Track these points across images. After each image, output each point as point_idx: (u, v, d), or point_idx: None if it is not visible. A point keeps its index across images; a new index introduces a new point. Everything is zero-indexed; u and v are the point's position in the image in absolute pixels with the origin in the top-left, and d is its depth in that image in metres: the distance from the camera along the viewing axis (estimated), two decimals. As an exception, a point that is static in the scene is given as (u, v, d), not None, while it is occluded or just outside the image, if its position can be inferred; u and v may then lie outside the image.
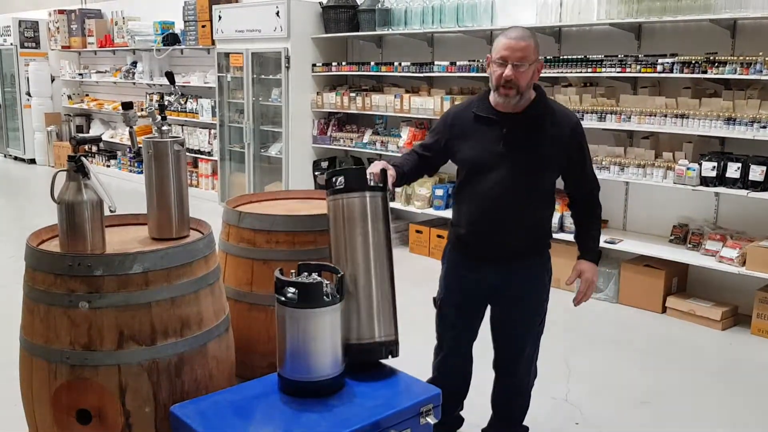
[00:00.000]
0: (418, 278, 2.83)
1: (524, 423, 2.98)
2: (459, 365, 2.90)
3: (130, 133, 2.69)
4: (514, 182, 2.54)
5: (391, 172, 2.54)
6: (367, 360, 2.44)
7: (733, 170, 4.50)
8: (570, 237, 5.20)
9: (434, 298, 2.85)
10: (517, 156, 2.54)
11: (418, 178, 2.88)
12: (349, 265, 2.41)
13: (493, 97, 2.58)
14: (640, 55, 4.89)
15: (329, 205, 2.48)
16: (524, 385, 2.84)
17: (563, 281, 2.84)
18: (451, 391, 2.69)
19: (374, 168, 2.49)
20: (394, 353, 2.45)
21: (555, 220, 5.27)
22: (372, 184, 2.44)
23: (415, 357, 2.78)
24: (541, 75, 5.26)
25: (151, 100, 9.21)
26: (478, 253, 2.69)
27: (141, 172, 9.12)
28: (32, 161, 11.36)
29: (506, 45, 2.44)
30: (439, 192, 6.17)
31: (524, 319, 2.74)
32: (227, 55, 7.67)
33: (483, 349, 2.86)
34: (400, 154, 3.75)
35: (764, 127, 4.33)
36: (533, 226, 2.66)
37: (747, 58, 4.36)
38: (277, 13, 6.89)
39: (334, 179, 2.45)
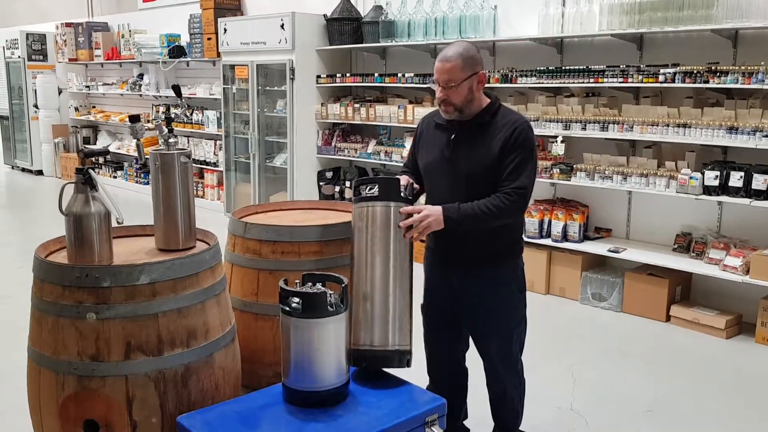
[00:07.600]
0: (421, 285, 2.85)
1: (527, 431, 2.99)
2: (446, 371, 2.92)
3: (138, 146, 2.73)
4: (461, 186, 2.59)
5: (417, 186, 2.68)
6: (379, 367, 2.46)
7: (735, 179, 4.51)
8: (573, 246, 5.27)
9: (421, 305, 2.88)
10: (463, 160, 2.60)
11: (420, 196, 2.96)
12: (370, 271, 2.45)
13: None
14: (642, 66, 4.91)
15: (355, 211, 2.53)
16: (509, 392, 2.84)
17: (568, 290, 2.85)
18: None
19: (404, 180, 2.59)
20: (408, 363, 2.48)
21: (558, 228, 5.29)
22: (404, 195, 2.52)
23: (420, 365, 2.80)
24: (544, 85, 5.38)
25: (158, 111, 9.28)
26: (441, 258, 2.76)
27: (147, 183, 9.17)
28: (39, 173, 11.43)
29: (436, 68, 2.58)
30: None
31: (491, 328, 2.74)
32: (232, 67, 7.73)
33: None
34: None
35: (767, 136, 4.34)
36: (488, 232, 2.61)
37: (749, 68, 4.38)
38: (282, 26, 6.94)
39: (364, 186, 2.51)
